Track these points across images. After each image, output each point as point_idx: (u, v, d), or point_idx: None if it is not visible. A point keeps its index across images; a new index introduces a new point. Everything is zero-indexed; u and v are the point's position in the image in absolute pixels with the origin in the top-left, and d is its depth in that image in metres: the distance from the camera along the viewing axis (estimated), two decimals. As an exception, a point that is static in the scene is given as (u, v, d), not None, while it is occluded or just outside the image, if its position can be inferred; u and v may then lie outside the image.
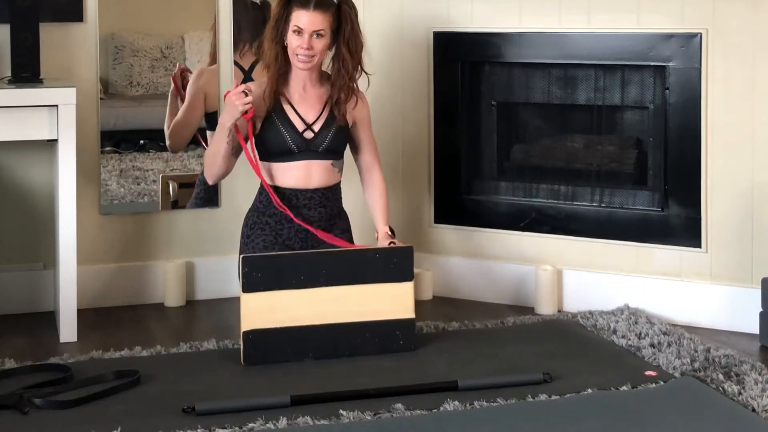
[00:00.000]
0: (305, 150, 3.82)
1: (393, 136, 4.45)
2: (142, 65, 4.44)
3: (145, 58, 4.44)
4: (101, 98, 4.31)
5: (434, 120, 4.46)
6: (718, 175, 4.01)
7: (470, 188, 4.47)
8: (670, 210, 4.11)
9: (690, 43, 4.02)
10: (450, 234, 4.47)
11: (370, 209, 3.97)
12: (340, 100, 3.84)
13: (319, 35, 3.77)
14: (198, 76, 4.39)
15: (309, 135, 3.83)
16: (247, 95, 3.70)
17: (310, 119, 3.85)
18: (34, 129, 3.82)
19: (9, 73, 3.99)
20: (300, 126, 3.83)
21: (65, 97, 3.80)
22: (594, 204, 4.28)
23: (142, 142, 4.41)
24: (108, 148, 4.35)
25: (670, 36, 4.06)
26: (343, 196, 3.95)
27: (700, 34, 4.00)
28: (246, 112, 3.72)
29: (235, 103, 3.69)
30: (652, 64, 4.12)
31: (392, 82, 4.48)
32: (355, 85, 3.87)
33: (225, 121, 3.75)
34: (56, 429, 2.98)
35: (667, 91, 4.09)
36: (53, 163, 4.02)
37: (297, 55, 3.78)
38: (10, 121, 3.80)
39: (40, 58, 3.98)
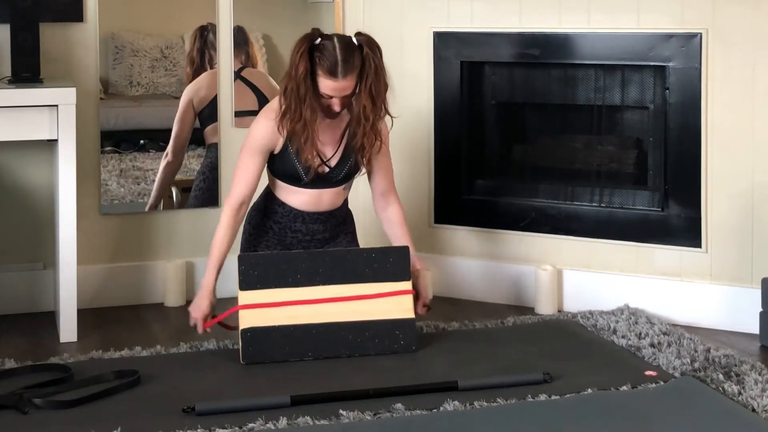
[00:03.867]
0: (317, 181, 3.72)
1: (393, 137, 4.44)
2: (142, 65, 4.44)
3: (145, 58, 4.44)
4: (101, 98, 4.32)
5: (434, 120, 4.46)
6: (718, 175, 4.01)
7: (470, 188, 4.47)
8: (670, 210, 4.11)
9: (690, 43, 4.02)
10: (450, 234, 4.47)
11: (390, 239, 3.88)
12: (364, 147, 3.68)
13: (349, 96, 3.63)
14: (185, 95, 4.39)
15: (324, 170, 3.71)
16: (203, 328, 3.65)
17: (327, 154, 3.71)
18: (34, 129, 3.82)
19: (9, 73, 4.00)
20: (315, 161, 3.68)
21: (65, 97, 3.80)
22: (594, 204, 4.28)
23: (142, 142, 4.42)
24: (108, 148, 4.35)
25: (670, 36, 4.06)
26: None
27: (700, 34, 3.99)
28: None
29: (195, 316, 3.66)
30: (652, 64, 4.12)
31: (392, 82, 4.47)
32: (378, 126, 3.68)
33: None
34: (56, 429, 2.98)
35: (667, 91, 4.09)
36: (53, 163, 4.02)
37: (329, 111, 3.64)
38: (10, 121, 3.80)
39: (40, 58, 3.98)
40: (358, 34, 3.66)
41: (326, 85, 3.58)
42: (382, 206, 3.87)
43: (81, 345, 3.79)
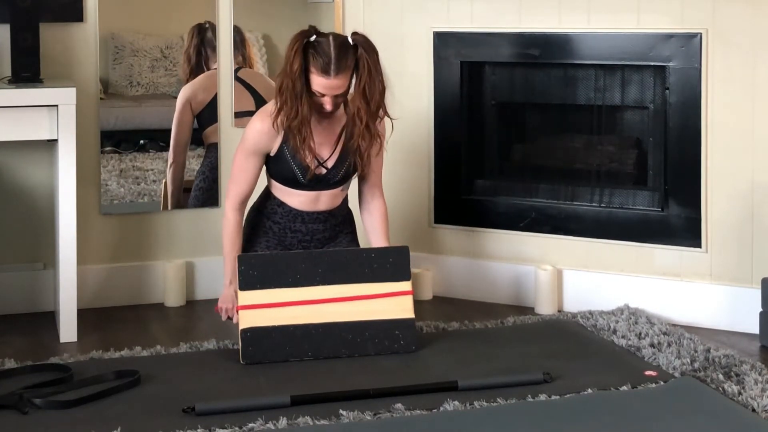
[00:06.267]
0: (315, 182, 3.73)
1: (393, 137, 4.44)
2: (142, 65, 4.44)
3: (145, 58, 4.44)
4: (101, 98, 4.32)
5: (434, 120, 4.46)
6: (718, 175, 4.01)
7: (470, 188, 4.47)
8: (670, 210, 4.11)
9: (690, 43, 4.02)
10: (450, 234, 4.47)
11: (368, 236, 3.90)
12: (361, 149, 3.67)
13: (341, 95, 3.61)
14: (181, 96, 4.39)
15: (321, 171, 3.72)
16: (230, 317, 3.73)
17: (323, 155, 3.71)
18: (34, 129, 3.82)
19: (9, 73, 4.00)
20: (312, 163, 3.69)
21: (65, 97, 3.80)
22: (594, 204, 4.28)
23: (142, 142, 4.42)
24: (108, 148, 4.35)
25: (670, 36, 4.06)
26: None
27: (700, 34, 4.00)
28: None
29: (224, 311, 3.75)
30: (652, 64, 4.12)
31: (392, 82, 4.47)
32: (374, 127, 3.67)
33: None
34: (56, 429, 2.98)
35: (667, 91, 4.09)
36: (53, 163, 4.02)
37: (321, 108, 3.63)
38: (10, 121, 3.80)
39: (40, 58, 3.98)
40: (355, 34, 3.66)
41: (318, 82, 3.58)
42: (367, 198, 3.89)
43: (81, 345, 3.79)
